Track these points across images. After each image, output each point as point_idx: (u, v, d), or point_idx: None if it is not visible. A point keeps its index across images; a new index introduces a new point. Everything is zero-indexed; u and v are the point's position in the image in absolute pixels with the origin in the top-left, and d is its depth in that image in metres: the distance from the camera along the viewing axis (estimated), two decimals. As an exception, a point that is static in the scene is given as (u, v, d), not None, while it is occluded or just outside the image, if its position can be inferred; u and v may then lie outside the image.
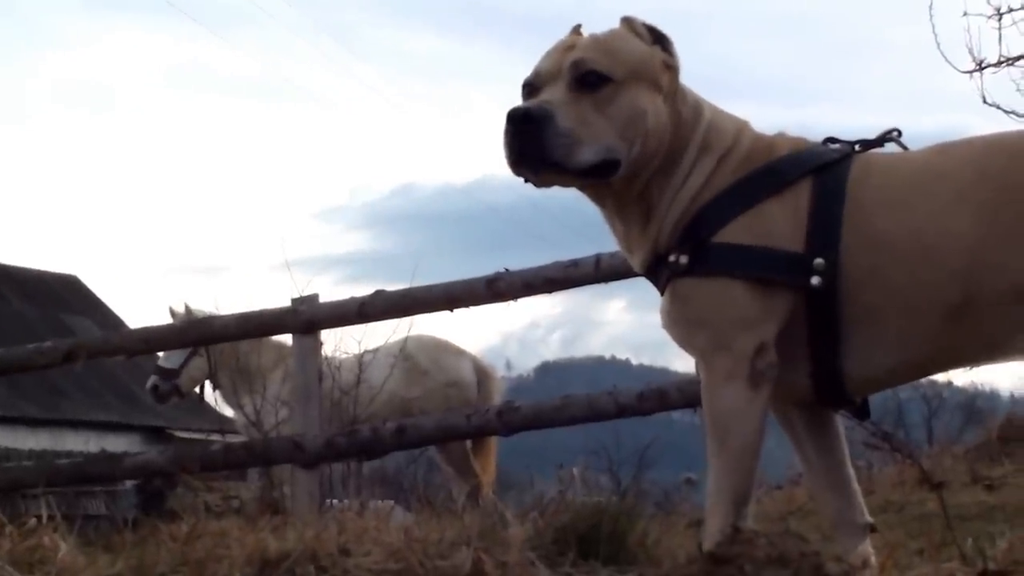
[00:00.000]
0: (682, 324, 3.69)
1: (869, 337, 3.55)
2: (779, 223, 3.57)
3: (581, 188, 3.77)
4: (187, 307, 10.38)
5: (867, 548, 3.80)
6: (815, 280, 3.50)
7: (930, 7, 9.92)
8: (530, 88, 3.72)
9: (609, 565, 2.86)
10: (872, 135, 3.85)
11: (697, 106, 3.78)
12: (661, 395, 7.20)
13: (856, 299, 3.52)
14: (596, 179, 3.63)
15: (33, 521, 3.52)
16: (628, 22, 3.81)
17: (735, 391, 3.51)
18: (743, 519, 3.46)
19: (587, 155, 3.54)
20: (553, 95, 3.59)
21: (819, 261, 3.50)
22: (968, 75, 10.56)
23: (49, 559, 3.12)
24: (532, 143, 3.51)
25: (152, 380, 10.90)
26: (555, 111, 3.52)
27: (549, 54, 3.77)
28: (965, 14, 10.40)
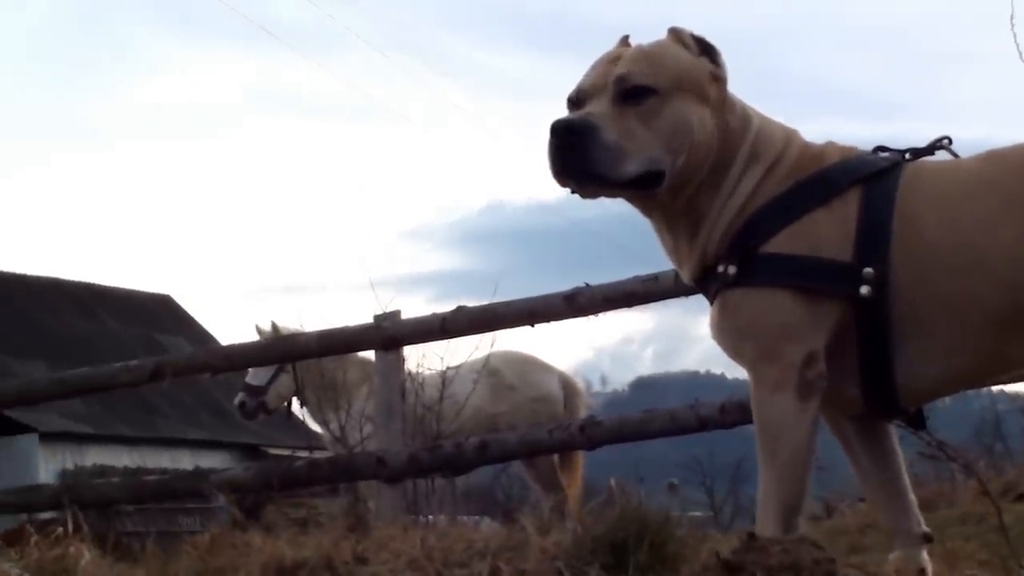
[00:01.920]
0: (731, 334, 3.67)
1: (919, 347, 3.51)
2: (828, 232, 3.54)
3: (628, 200, 3.75)
4: (274, 325, 10.42)
5: (923, 558, 3.77)
6: (864, 289, 3.47)
7: (1011, 16, 9.76)
8: (574, 101, 3.70)
9: (638, 573, 2.83)
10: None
11: (745, 115, 3.75)
12: (742, 408, 7.12)
13: (905, 309, 3.48)
14: (640, 191, 3.61)
15: (60, 531, 3.57)
16: (676, 33, 3.79)
17: (784, 401, 3.48)
18: (794, 528, 3.44)
19: (631, 167, 3.52)
20: (597, 107, 3.58)
21: (868, 270, 3.47)
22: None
23: (72, 568, 3.15)
24: (576, 155, 3.51)
25: (239, 397, 10.95)
26: (598, 123, 3.52)
27: (594, 66, 3.75)
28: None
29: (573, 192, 3.63)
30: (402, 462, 8.16)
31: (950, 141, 3.78)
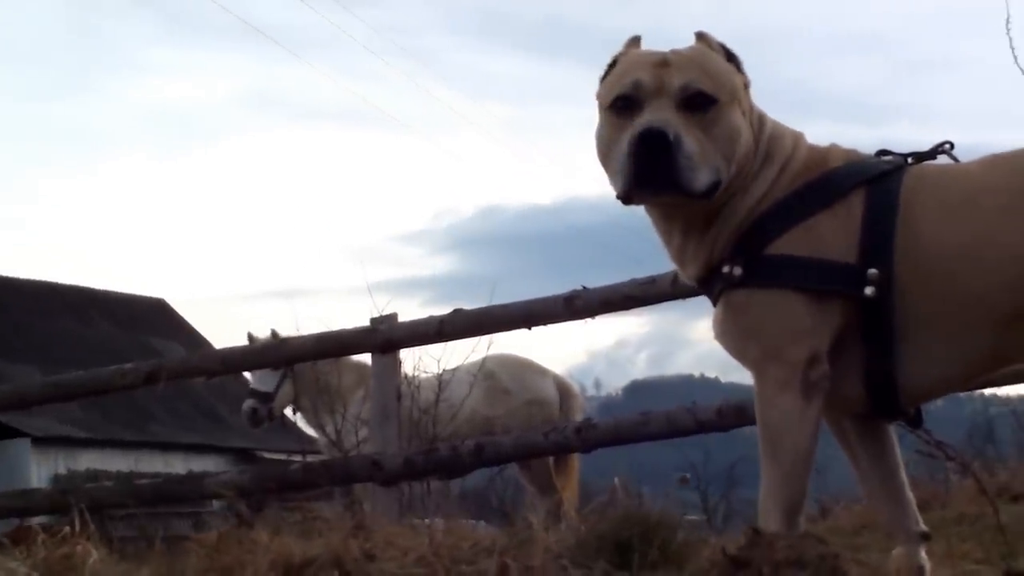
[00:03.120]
0: (735, 335, 3.69)
1: (922, 347, 3.54)
2: (832, 234, 3.56)
3: (656, 205, 3.73)
4: (274, 332, 10.29)
5: (922, 556, 3.81)
6: (868, 290, 3.49)
7: (1007, 21, 9.77)
8: (628, 101, 3.62)
9: (642, 571, 2.85)
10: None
11: (761, 118, 3.77)
12: (739, 410, 7.11)
13: (909, 309, 3.51)
14: (705, 199, 3.56)
15: (66, 530, 3.58)
16: (704, 39, 3.78)
17: (787, 401, 3.51)
18: (796, 527, 3.45)
19: (704, 177, 3.51)
20: (663, 114, 3.53)
21: (872, 272, 3.50)
22: (1051, 90, 10.39)
23: (80, 567, 3.17)
24: (660, 164, 3.46)
25: (249, 403, 10.90)
26: (680, 132, 3.48)
27: (642, 67, 3.66)
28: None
29: (627, 199, 3.60)
30: (397, 465, 8.14)
31: (952, 146, 3.80)
